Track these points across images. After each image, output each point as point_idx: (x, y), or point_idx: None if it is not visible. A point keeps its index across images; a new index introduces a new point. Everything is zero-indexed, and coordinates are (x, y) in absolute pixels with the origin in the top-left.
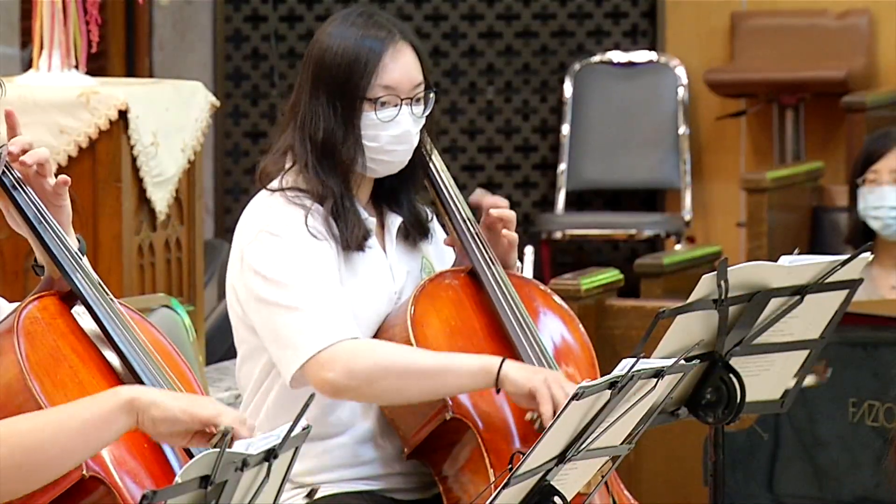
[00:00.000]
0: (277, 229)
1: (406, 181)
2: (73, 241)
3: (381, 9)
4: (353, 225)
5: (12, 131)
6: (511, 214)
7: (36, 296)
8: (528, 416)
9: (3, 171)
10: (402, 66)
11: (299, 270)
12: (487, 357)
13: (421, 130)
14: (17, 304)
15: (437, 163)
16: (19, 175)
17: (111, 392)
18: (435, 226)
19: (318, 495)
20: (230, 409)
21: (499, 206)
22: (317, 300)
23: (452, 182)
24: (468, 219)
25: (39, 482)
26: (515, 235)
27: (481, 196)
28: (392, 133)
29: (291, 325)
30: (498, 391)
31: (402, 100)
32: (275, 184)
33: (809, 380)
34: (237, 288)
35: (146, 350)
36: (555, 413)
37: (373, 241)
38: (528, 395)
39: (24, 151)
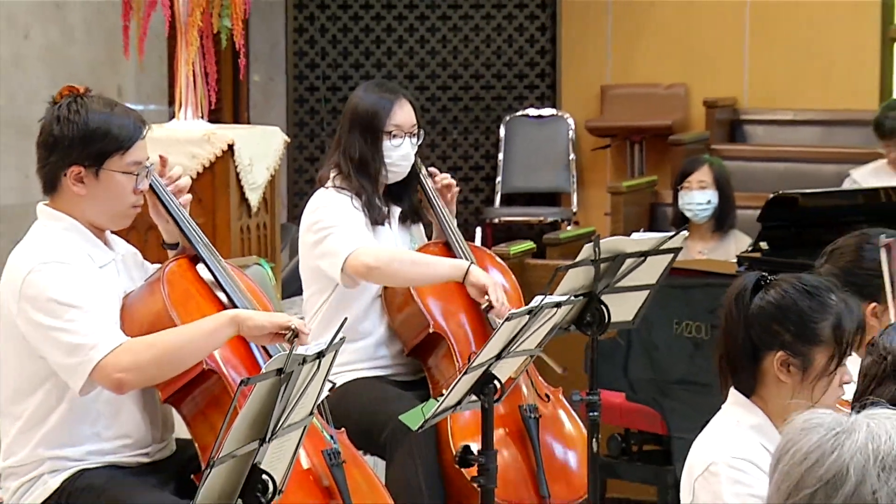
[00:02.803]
0: (330, 204)
1: (406, 185)
2: None
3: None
4: (377, 210)
5: (164, 167)
6: (452, 182)
7: (174, 258)
8: (483, 304)
9: (153, 179)
10: (405, 113)
11: (339, 217)
12: (461, 260)
13: (415, 155)
14: (159, 264)
15: (424, 175)
16: (160, 179)
17: (222, 313)
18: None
19: (351, 378)
20: (296, 318)
21: (444, 180)
22: (349, 226)
23: (433, 186)
24: (443, 208)
25: (178, 370)
26: (456, 190)
27: (433, 173)
28: (399, 154)
29: (332, 242)
30: (463, 281)
31: (405, 133)
32: (328, 184)
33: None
34: (306, 245)
35: (243, 291)
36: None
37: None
38: (482, 288)
39: (165, 161)
